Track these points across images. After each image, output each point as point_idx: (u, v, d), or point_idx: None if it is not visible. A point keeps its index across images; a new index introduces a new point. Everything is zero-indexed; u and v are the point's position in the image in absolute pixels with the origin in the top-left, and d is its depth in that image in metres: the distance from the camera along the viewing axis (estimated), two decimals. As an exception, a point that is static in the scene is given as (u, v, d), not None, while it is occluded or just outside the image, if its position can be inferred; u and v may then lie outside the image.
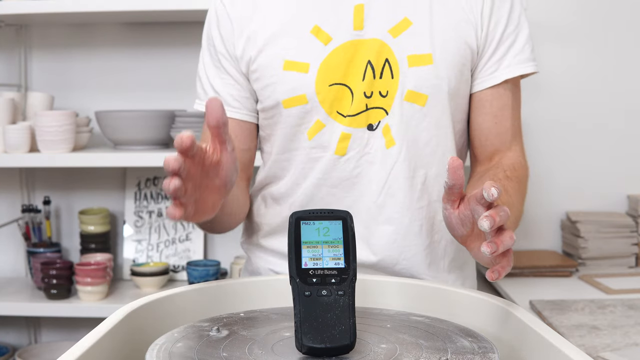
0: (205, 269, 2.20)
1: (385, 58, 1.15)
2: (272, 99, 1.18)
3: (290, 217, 0.78)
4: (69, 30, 2.36)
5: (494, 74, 1.20)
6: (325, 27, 1.16)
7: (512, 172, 1.16)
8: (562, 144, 2.26)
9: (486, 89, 1.20)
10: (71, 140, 2.07)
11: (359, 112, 1.16)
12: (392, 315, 0.88)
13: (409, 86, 1.15)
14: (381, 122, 1.16)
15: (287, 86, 1.16)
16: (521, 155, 1.24)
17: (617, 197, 2.26)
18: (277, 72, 1.17)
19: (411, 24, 1.16)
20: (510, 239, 0.83)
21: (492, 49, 1.19)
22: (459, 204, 0.88)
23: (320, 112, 1.16)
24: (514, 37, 1.20)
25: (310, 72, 1.15)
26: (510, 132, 1.22)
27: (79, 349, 0.71)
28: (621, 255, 2.13)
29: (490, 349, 0.75)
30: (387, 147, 1.16)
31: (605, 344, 1.39)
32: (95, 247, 2.27)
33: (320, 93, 1.16)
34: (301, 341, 0.71)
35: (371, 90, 1.15)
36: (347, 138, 1.17)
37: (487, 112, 1.21)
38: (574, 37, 2.23)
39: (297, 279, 0.75)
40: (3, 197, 2.42)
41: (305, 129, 1.18)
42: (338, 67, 1.15)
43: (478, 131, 1.23)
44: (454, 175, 0.85)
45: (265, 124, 1.24)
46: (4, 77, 2.36)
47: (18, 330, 2.43)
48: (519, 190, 1.15)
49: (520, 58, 1.20)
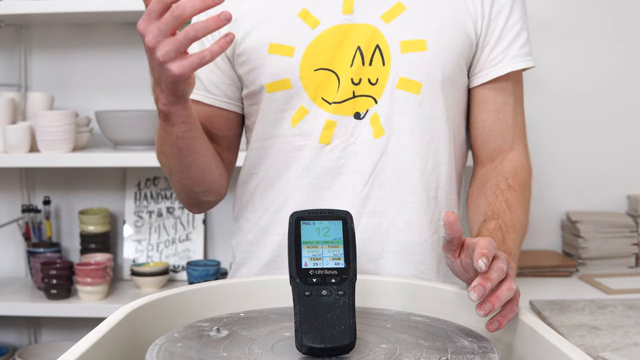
0: (205, 269, 2.20)
1: (376, 44, 1.10)
2: (256, 84, 1.15)
3: (290, 217, 0.78)
4: (68, 30, 2.36)
5: (498, 64, 1.15)
6: (313, 11, 1.12)
7: (514, 178, 1.14)
8: (562, 144, 2.26)
9: (489, 83, 1.16)
10: (71, 140, 2.07)
11: (345, 99, 1.12)
12: (392, 315, 0.88)
13: (402, 73, 1.11)
14: (369, 111, 1.12)
15: (271, 70, 1.13)
16: (523, 154, 1.20)
17: (617, 197, 2.26)
18: (262, 55, 1.13)
19: (405, 9, 1.11)
20: (509, 291, 0.83)
21: (495, 39, 1.15)
22: (459, 252, 0.89)
23: (304, 98, 1.12)
24: (519, 28, 1.16)
25: (295, 56, 1.11)
26: (512, 129, 1.19)
27: (79, 349, 0.71)
28: (621, 255, 2.13)
29: (490, 349, 0.75)
30: (375, 136, 1.12)
31: (605, 344, 1.39)
32: (95, 247, 2.27)
33: (304, 78, 1.12)
34: (301, 341, 0.71)
35: (359, 77, 1.11)
36: (332, 126, 1.13)
37: (490, 109, 1.18)
38: (574, 36, 2.23)
39: (297, 279, 0.75)
40: (3, 197, 2.42)
41: (289, 116, 1.14)
42: (324, 52, 1.11)
43: (480, 129, 1.20)
44: (450, 230, 0.85)
45: (252, 110, 1.20)
46: (4, 77, 2.36)
47: (18, 330, 2.43)
48: (522, 199, 1.13)
49: (525, 50, 1.17)
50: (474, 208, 1.16)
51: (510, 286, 0.83)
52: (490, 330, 0.81)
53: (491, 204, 1.10)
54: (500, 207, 1.09)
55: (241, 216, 1.25)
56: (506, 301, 0.83)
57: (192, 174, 1.17)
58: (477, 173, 1.22)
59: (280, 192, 1.17)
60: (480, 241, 0.84)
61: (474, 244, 0.85)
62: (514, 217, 1.07)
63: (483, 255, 0.80)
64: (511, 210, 1.08)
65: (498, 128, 1.19)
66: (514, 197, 1.11)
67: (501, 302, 0.81)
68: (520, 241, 1.08)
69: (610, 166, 2.26)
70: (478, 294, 0.79)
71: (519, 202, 1.11)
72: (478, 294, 0.79)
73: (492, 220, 1.06)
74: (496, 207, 1.09)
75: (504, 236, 1.03)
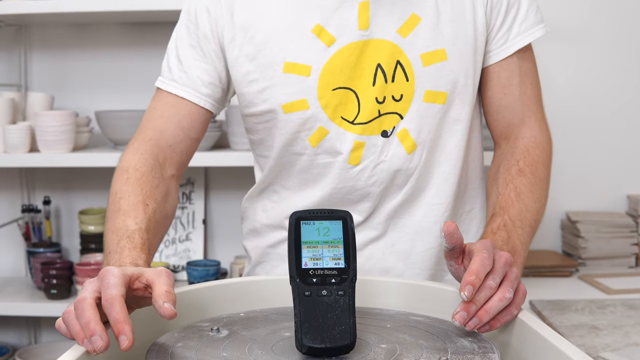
0: (205, 269, 2.20)
1: (396, 60, 1.10)
2: (269, 103, 1.12)
3: (290, 217, 0.78)
4: (69, 30, 2.36)
5: (503, 45, 1.16)
6: (327, 27, 1.10)
7: (525, 159, 1.14)
8: (562, 144, 2.25)
9: (495, 62, 1.18)
10: (71, 140, 2.07)
11: (371, 119, 1.11)
12: (392, 315, 0.88)
13: (428, 87, 1.11)
14: (396, 128, 1.12)
15: (287, 90, 1.11)
16: (536, 127, 1.20)
17: (617, 197, 2.26)
18: (277, 74, 1.11)
19: (420, 20, 1.11)
20: (500, 301, 0.82)
21: (500, 21, 1.15)
22: (462, 259, 0.90)
23: (323, 118, 1.11)
24: (518, 4, 1.16)
25: (312, 75, 1.10)
26: (519, 102, 1.19)
27: (79, 349, 0.71)
28: (621, 255, 2.13)
29: (490, 349, 0.75)
30: (408, 152, 1.12)
31: (605, 344, 1.39)
32: (95, 247, 2.27)
33: (322, 98, 1.10)
34: (301, 341, 0.71)
35: (383, 95, 1.10)
36: (361, 147, 1.12)
37: (495, 84, 1.18)
38: (573, 37, 2.23)
39: (297, 279, 0.75)
40: (3, 197, 2.42)
41: (306, 136, 1.13)
42: (342, 70, 1.10)
43: (488, 105, 1.20)
44: (451, 240, 0.86)
45: (260, 127, 1.17)
46: (4, 77, 2.36)
47: (18, 330, 2.43)
48: (533, 182, 1.12)
49: (526, 24, 1.17)
50: (488, 195, 1.18)
51: (503, 296, 0.82)
52: (480, 332, 0.81)
53: (500, 194, 1.11)
54: (509, 197, 1.09)
55: (256, 219, 1.25)
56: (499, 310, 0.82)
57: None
58: (495, 154, 1.23)
59: (308, 205, 1.17)
60: (472, 264, 0.83)
61: (472, 252, 0.86)
62: (522, 208, 1.08)
63: (469, 284, 0.80)
64: (519, 200, 1.08)
65: (505, 102, 1.19)
66: (523, 183, 1.11)
67: (491, 315, 0.81)
68: (529, 232, 1.08)
69: (610, 166, 2.26)
70: (460, 320, 0.80)
71: (529, 186, 1.11)
72: (460, 321, 0.80)
73: (498, 217, 1.06)
74: (504, 199, 1.09)
75: (509, 234, 1.03)
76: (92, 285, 0.76)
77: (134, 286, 0.79)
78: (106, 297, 0.73)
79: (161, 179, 1.11)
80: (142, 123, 1.18)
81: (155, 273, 0.79)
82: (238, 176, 2.27)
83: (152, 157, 1.12)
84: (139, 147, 1.13)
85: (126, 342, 0.70)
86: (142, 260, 0.91)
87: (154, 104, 1.20)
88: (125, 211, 1.01)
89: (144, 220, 1.00)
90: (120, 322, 0.71)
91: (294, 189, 1.19)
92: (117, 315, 0.71)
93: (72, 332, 0.73)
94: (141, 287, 0.80)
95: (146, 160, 1.11)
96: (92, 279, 0.79)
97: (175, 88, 1.17)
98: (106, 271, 0.77)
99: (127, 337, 0.70)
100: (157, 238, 1.06)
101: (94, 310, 0.73)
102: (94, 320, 0.71)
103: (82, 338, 0.71)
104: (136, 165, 1.09)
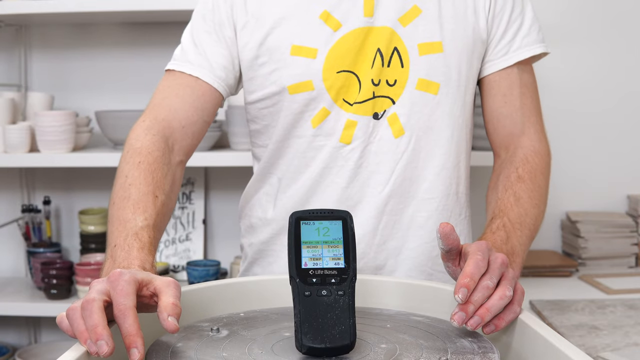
0: (205, 269, 2.20)
1: (394, 47, 1.14)
2: (277, 84, 1.16)
3: (290, 217, 0.78)
4: (69, 30, 2.36)
5: (505, 56, 1.20)
6: (334, 13, 1.14)
7: (524, 167, 1.15)
8: (562, 144, 2.26)
9: (496, 71, 1.20)
10: (71, 140, 2.07)
11: (365, 100, 1.14)
12: (392, 315, 0.88)
13: (421, 74, 1.14)
14: (387, 111, 1.15)
15: (294, 71, 1.14)
16: (536, 138, 1.21)
17: (617, 197, 2.26)
18: (284, 57, 1.15)
19: (420, 12, 1.15)
20: (501, 299, 0.82)
21: (501, 32, 1.19)
22: (459, 260, 0.90)
23: (327, 100, 1.15)
24: (521, 20, 1.20)
25: (318, 58, 1.14)
26: (520, 112, 1.21)
27: (80, 348, 0.71)
28: (621, 255, 2.13)
29: (490, 349, 0.75)
30: (395, 136, 1.15)
31: (605, 344, 1.39)
32: (95, 247, 2.27)
33: (327, 80, 1.14)
34: (301, 341, 0.71)
35: (379, 78, 1.14)
36: (353, 126, 1.15)
37: (496, 93, 1.21)
38: (573, 37, 2.23)
39: (297, 279, 0.75)
40: (3, 197, 2.42)
41: (309, 117, 1.16)
42: (347, 54, 1.14)
43: (489, 114, 1.23)
44: (447, 241, 0.86)
45: (266, 112, 1.20)
46: (4, 77, 2.36)
47: (18, 330, 2.43)
48: (532, 189, 1.13)
49: (528, 40, 1.20)
50: (488, 203, 1.18)
51: (504, 294, 0.82)
52: (485, 332, 0.81)
53: (500, 199, 1.12)
54: (508, 202, 1.10)
55: (252, 215, 1.26)
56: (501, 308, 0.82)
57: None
58: (495, 165, 1.24)
59: (298, 192, 1.19)
60: (466, 266, 0.83)
61: (467, 253, 0.86)
62: (521, 212, 1.08)
63: (462, 286, 0.80)
64: (519, 205, 1.09)
65: (506, 111, 1.21)
66: (522, 189, 1.12)
67: (492, 313, 0.81)
68: (528, 235, 1.09)
69: (610, 166, 2.26)
70: (458, 321, 0.79)
71: (528, 192, 1.12)
72: (458, 321, 0.79)
73: (497, 218, 1.07)
74: (503, 203, 1.10)
75: (508, 235, 1.04)
76: (101, 286, 0.76)
77: (142, 292, 0.78)
78: (119, 307, 0.73)
79: (169, 165, 1.10)
80: (153, 101, 1.17)
81: (164, 283, 0.78)
82: (238, 176, 2.27)
83: (163, 140, 1.11)
84: (151, 126, 1.12)
85: (137, 355, 0.69)
86: (149, 263, 0.90)
87: (166, 83, 1.19)
88: (135, 201, 0.99)
89: (152, 215, 0.99)
90: (132, 335, 0.70)
91: (287, 179, 1.20)
92: (130, 328, 0.71)
93: (75, 330, 0.73)
94: (148, 294, 0.79)
95: (158, 144, 1.09)
96: (100, 279, 0.79)
97: (191, 69, 1.18)
98: (118, 275, 0.76)
99: (138, 350, 0.69)
100: (161, 233, 1.05)
101: (102, 314, 0.72)
102: (102, 325, 0.71)
103: (85, 338, 0.71)
104: (149, 148, 1.08)
